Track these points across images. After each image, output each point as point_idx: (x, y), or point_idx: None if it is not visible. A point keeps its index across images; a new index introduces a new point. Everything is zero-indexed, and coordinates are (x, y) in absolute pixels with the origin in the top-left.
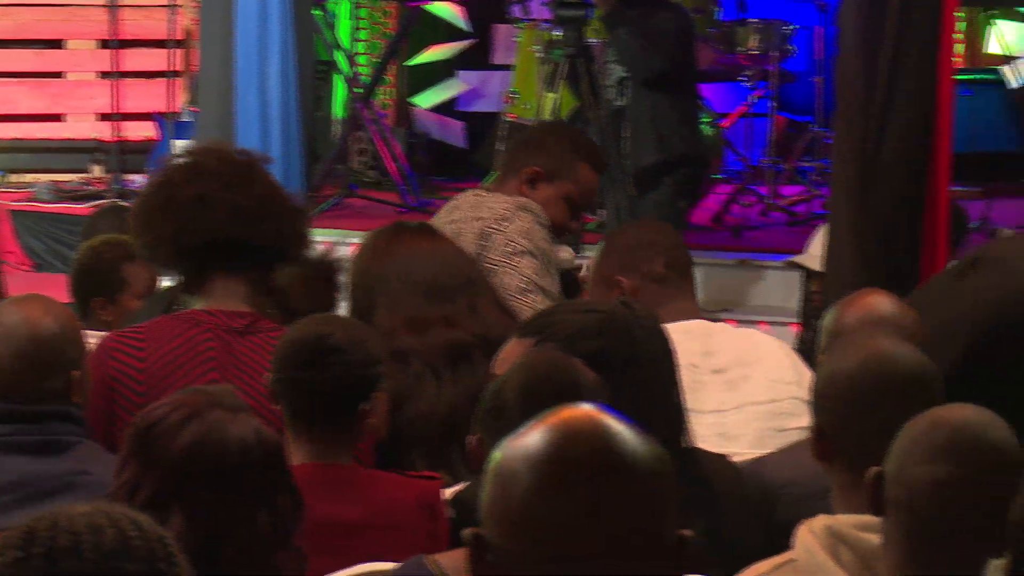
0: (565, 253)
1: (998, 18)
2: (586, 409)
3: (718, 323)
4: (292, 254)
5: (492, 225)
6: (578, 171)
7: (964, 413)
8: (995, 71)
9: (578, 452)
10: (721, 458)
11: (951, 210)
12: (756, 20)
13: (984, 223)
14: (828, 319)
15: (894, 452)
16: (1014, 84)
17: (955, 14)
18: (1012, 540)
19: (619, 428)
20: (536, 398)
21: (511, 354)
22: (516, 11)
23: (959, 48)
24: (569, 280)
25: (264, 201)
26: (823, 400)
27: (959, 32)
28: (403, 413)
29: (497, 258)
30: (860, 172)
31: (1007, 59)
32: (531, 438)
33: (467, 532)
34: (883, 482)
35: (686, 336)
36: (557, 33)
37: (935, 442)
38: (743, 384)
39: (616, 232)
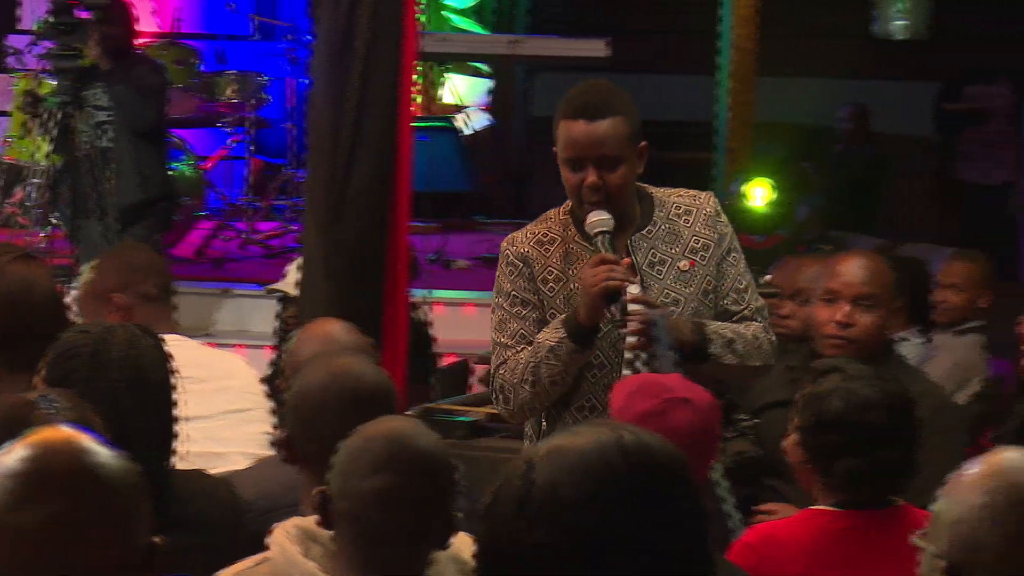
0: (594, 216)
1: (451, 72)
2: (63, 429)
3: (193, 340)
4: None
5: None
6: (557, 132)
7: (392, 425)
8: (449, 119)
9: (50, 465)
10: (205, 477)
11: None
12: (234, 72)
13: (440, 255)
14: (290, 343)
15: (336, 469)
16: (465, 131)
17: (413, 67)
18: None
19: (91, 444)
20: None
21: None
22: (12, 61)
23: (417, 98)
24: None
25: None
26: (294, 410)
27: (416, 84)
28: None
29: None
30: (329, 209)
31: (459, 108)
32: (11, 455)
33: None
34: (329, 499)
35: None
36: (51, 82)
37: (372, 455)
38: (224, 394)
39: (111, 252)
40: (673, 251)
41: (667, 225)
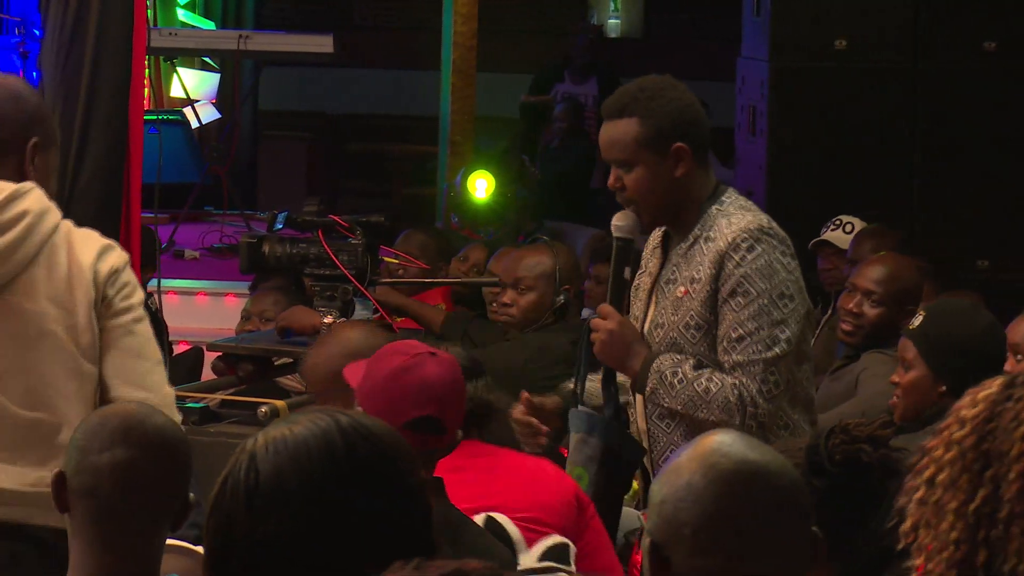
0: (616, 219)
1: (181, 66)
2: None
3: None
4: None
5: None
6: None
7: (128, 406)
8: (179, 112)
9: None
10: None
11: (144, 233)
12: None
13: (171, 244)
14: None
15: (72, 446)
16: (195, 124)
17: (143, 61)
18: None
19: None
20: None
21: None
22: None
23: (147, 91)
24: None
25: None
26: None
27: (146, 77)
28: None
29: None
30: (59, 201)
31: (188, 102)
32: None
33: None
34: (64, 479)
35: None
36: None
37: (108, 430)
38: None
39: None
40: (683, 274)
41: (696, 246)
